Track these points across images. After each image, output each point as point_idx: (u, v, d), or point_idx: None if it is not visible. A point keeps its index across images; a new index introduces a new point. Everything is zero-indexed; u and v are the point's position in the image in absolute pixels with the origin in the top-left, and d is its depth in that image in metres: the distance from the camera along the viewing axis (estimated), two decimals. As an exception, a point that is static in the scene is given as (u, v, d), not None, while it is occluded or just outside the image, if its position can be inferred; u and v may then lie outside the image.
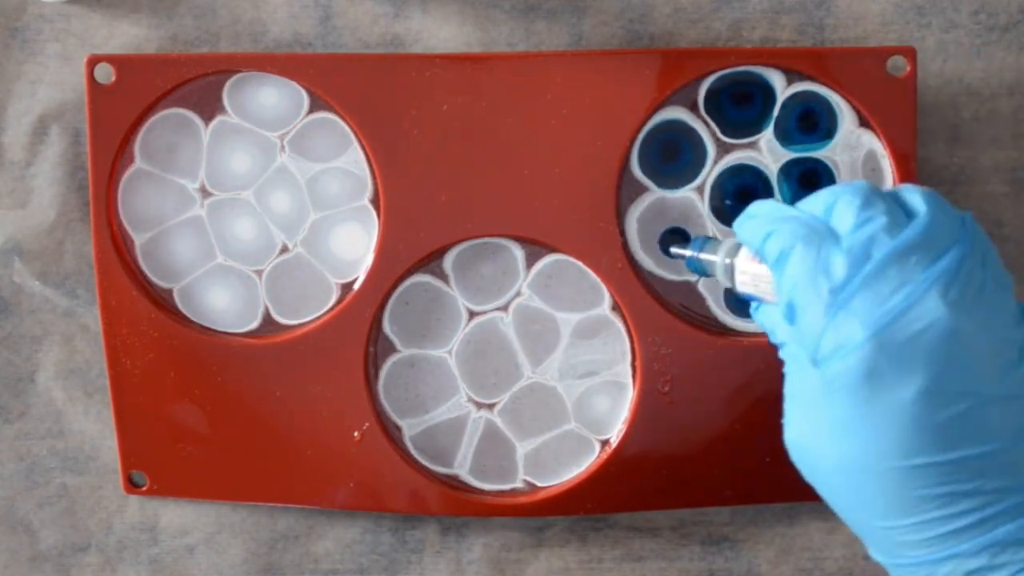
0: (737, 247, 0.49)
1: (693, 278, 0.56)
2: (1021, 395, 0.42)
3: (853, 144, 0.56)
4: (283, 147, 0.56)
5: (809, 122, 0.56)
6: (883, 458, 0.42)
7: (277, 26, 0.57)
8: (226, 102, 0.56)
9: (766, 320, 0.47)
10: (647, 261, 0.56)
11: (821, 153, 0.56)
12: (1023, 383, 0.43)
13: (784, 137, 0.56)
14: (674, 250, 0.53)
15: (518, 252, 0.57)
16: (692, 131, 0.56)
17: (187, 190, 0.56)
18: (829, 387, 0.43)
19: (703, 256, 0.51)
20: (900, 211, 0.44)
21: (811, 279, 0.43)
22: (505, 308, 0.57)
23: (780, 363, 0.49)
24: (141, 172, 0.56)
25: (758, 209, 0.48)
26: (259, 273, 0.57)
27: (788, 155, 0.56)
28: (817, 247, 0.44)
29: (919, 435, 0.42)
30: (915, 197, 0.45)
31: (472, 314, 0.57)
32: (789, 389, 0.45)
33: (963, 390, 0.42)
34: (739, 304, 0.56)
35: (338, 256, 0.57)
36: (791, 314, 0.44)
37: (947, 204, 0.45)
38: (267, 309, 0.57)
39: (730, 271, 0.49)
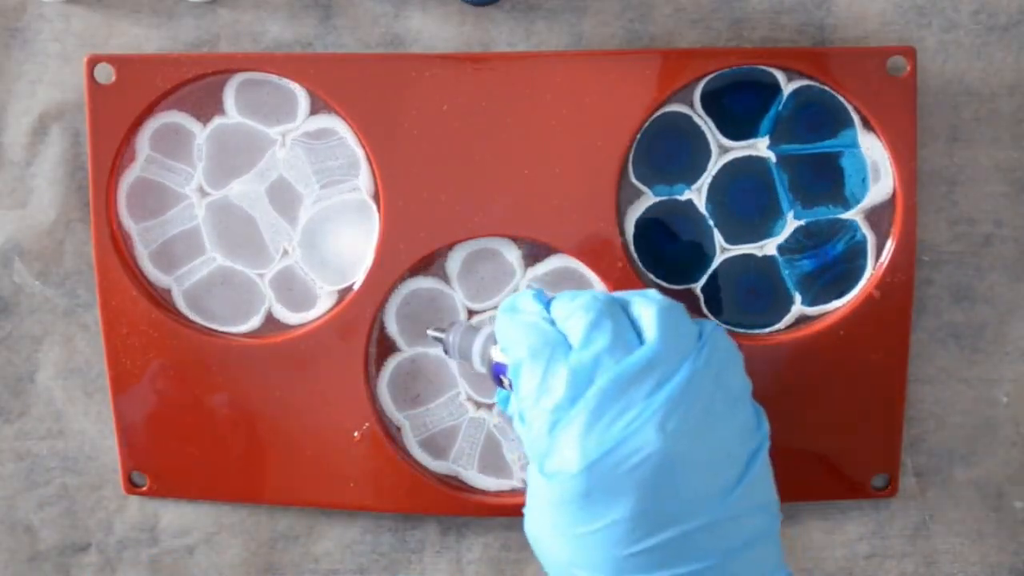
0: (494, 336, 0.49)
1: (697, 285, 0.56)
2: (736, 515, 0.43)
3: (853, 144, 0.56)
4: (283, 147, 0.56)
5: (809, 122, 0.56)
6: (596, 571, 0.43)
7: (277, 26, 0.57)
8: (226, 102, 0.56)
9: (513, 412, 0.47)
10: (646, 261, 0.56)
11: (821, 153, 0.56)
12: (741, 501, 0.43)
13: (784, 137, 0.56)
14: (430, 333, 0.53)
15: (518, 252, 0.57)
16: (692, 131, 0.56)
17: (187, 190, 0.56)
18: (552, 499, 0.43)
19: (460, 343, 0.51)
20: (630, 329, 0.44)
21: (536, 395, 0.44)
22: (505, 308, 0.57)
23: (780, 364, 0.50)
24: (141, 172, 0.56)
25: (512, 303, 0.48)
26: (259, 273, 0.57)
27: (788, 155, 0.56)
28: (546, 361, 0.44)
29: (628, 556, 0.42)
30: (648, 314, 0.44)
31: (472, 314, 0.57)
32: (529, 481, 0.46)
33: (675, 516, 0.42)
34: (738, 306, 0.57)
35: (338, 256, 0.57)
36: (522, 425, 0.45)
37: (683, 317, 0.45)
38: (267, 309, 0.57)
39: (487, 359, 0.49)
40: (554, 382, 0.44)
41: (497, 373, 0.49)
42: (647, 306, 0.45)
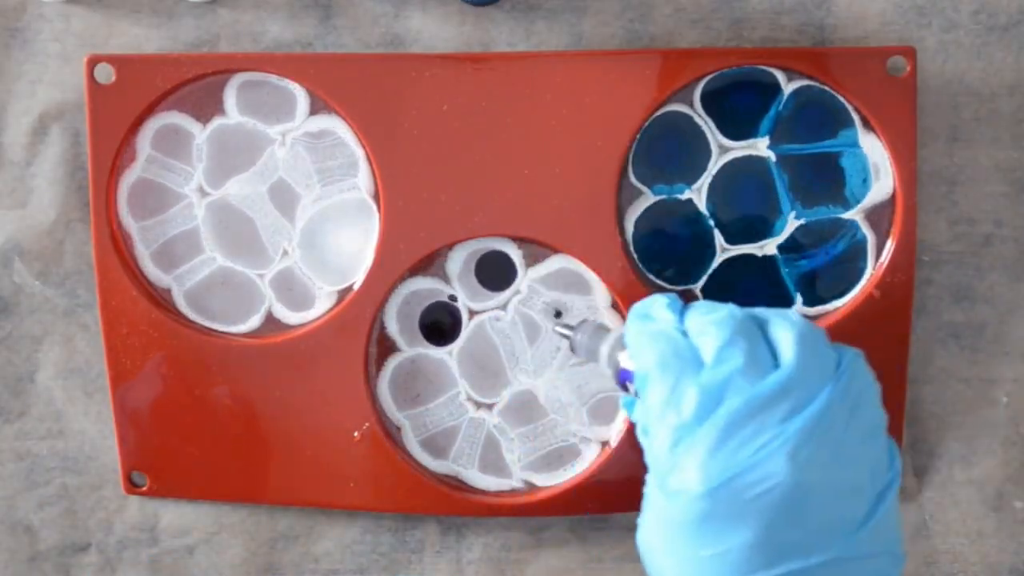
0: (623, 340, 0.48)
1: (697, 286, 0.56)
2: (860, 555, 0.42)
3: (853, 144, 0.56)
4: (283, 147, 0.56)
5: (809, 122, 0.56)
6: None
7: (277, 26, 0.57)
8: (226, 102, 0.56)
9: (637, 421, 0.46)
10: (646, 261, 0.56)
11: (821, 153, 0.56)
12: (866, 541, 0.42)
13: (784, 137, 0.56)
14: (557, 329, 0.53)
15: (518, 252, 0.57)
16: (692, 131, 0.56)
17: (187, 190, 0.56)
18: (670, 517, 0.42)
19: (588, 343, 0.50)
20: (766, 351, 0.43)
21: (662, 410, 0.43)
22: (505, 308, 0.57)
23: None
24: (141, 172, 0.56)
25: (645, 309, 0.47)
26: (259, 273, 0.57)
27: (788, 155, 0.56)
28: (675, 377, 0.43)
29: None
30: (787, 337, 0.43)
31: (472, 314, 0.57)
32: (647, 493, 0.45)
33: (797, 549, 0.41)
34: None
35: (338, 256, 0.57)
36: (644, 437, 0.44)
37: (823, 342, 0.44)
38: (267, 309, 0.57)
39: (614, 363, 0.49)
40: (682, 398, 0.42)
41: (623, 379, 0.48)
42: (786, 328, 0.43)
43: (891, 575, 0.43)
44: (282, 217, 0.57)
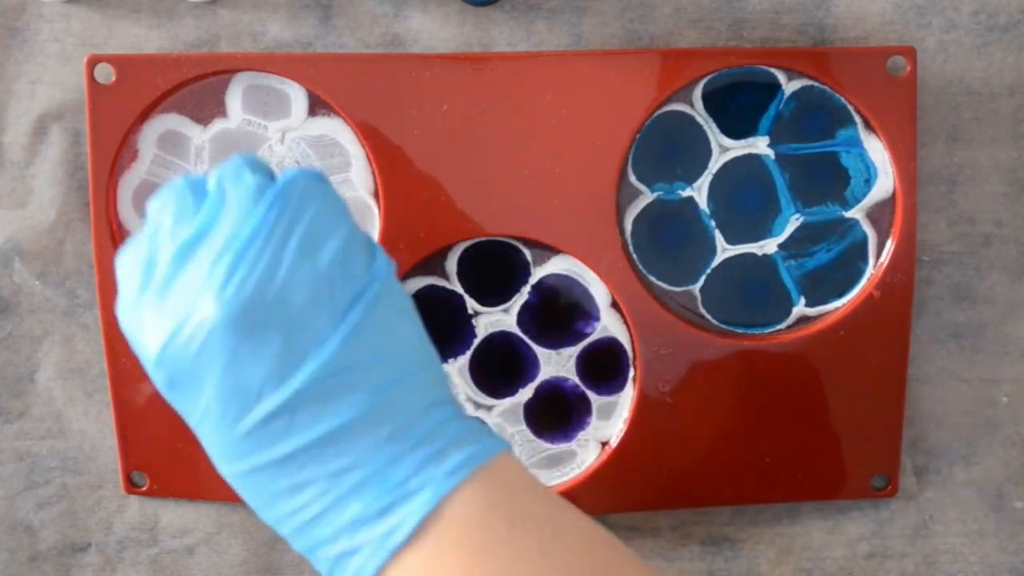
0: None
1: (695, 285, 0.56)
2: (338, 370, 0.39)
3: (853, 143, 0.56)
4: (284, 147, 0.56)
5: (809, 122, 0.56)
6: (223, 462, 0.41)
7: (277, 26, 0.57)
8: (226, 103, 0.56)
9: None
10: (646, 261, 0.56)
11: (821, 152, 0.56)
12: (341, 355, 0.39)
13: (784, 137, 0.56)
14: None
15: (519, 252, 0.57)
16: (692, 130, 0.56)
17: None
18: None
19: None
20: (194, 201, 0.41)
21: (120, 280, 0.42)
22: (506, 308, 0.57)
23: (780, 364, 0.49)
24: (141, 172, 0.56)
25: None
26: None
27: (788, 155, 0.56)
28: (137, 248, 0.41)
29: (239, 439, 0.40)
30: (211, 181, 0.41)
31: (473, 314, 0.57)
32: None
33: (262, 386, 0.39)
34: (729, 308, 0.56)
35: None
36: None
37: (249, 171, 0.41)
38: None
39: None
40: (126, 276, 0.41)
41: None
42: (213, 173, 0.41)
43: (397, 382, 0.40)
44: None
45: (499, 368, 0.57)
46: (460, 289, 0.57)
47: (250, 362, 0.39)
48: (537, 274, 0.56)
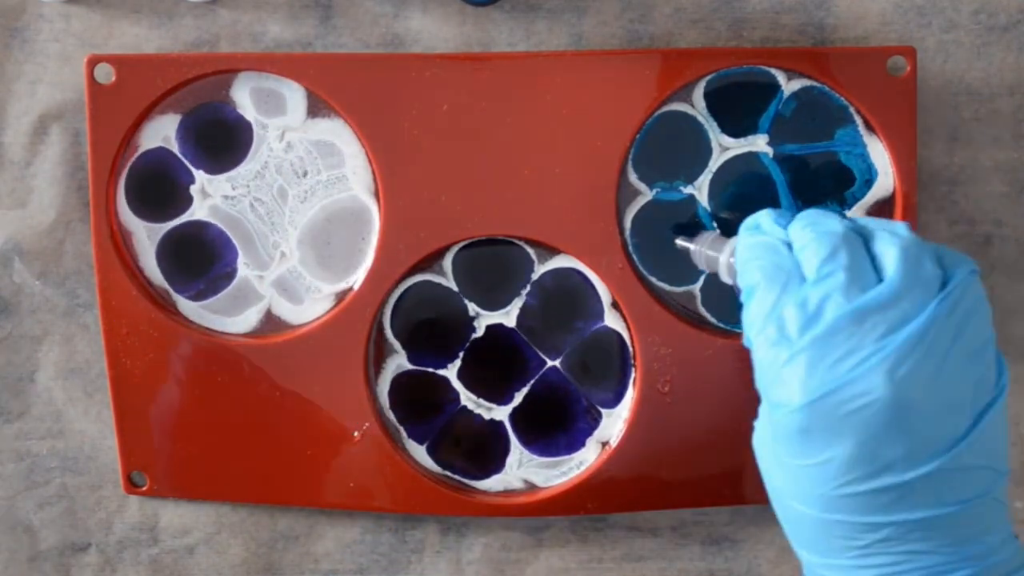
0: None
1: (695, 285, 0.56)
2: (958, 469, 0.42)
3: (853, 143, 0.56)
4: (283, 147, 0.56)
5: (809, 122, 0.56)
6: (807, 505, 0.43)
7: (277, 26, 0.57)
8: (225, 103, 0.56)
9: (744, 330, 0.46)
10: (646, 261, 0.56)
11: (821, 152, 0.56)
12: (965, 456, 0.42)
13: (784, 137, 0.56)
14: (679, 242, 0.54)
15: (518, 252, 0.57)
16: (692, 131, 0.56)
17: (187, 191, 0.56)
18: (774, 427, 0.43)
19: (708, 252, 0.51)
20: (868, 266, 0.43)
21: (763, 324, 0.43)
22: (506, 308, 0.57)
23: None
24: (141, 172, 0.56)
25: (755, 220, 0.47)
26: (258, 274, 0.57)
27: (788, 154, 0.56)
28: (777, 291, 0.43)
29: (841, 496, 0.42)
30: (891, 253, 0.43)
31: (472, 314, 0.57)
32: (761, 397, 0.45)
33: (893, 464, 0.41)
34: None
35: (337, 256, 0.57)
36: (750, 347, 0.44)
37: (928, 257, 0.43)
38: (267, 309, 0.57)
39: (732, 272, 0.49)
40: (783, 313, 0.42)
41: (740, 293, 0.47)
42: (890, 243, 0.43)
43: (991, 490, 0.43)
44: (281, 218, 0.57)
45: (499, 368, 0.57)
46: (460, 289, 0.57)
47: (892, 439, 0.41)
48: (537, 274, 0.56)
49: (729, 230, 0.56)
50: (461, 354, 0.57)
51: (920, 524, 0.42)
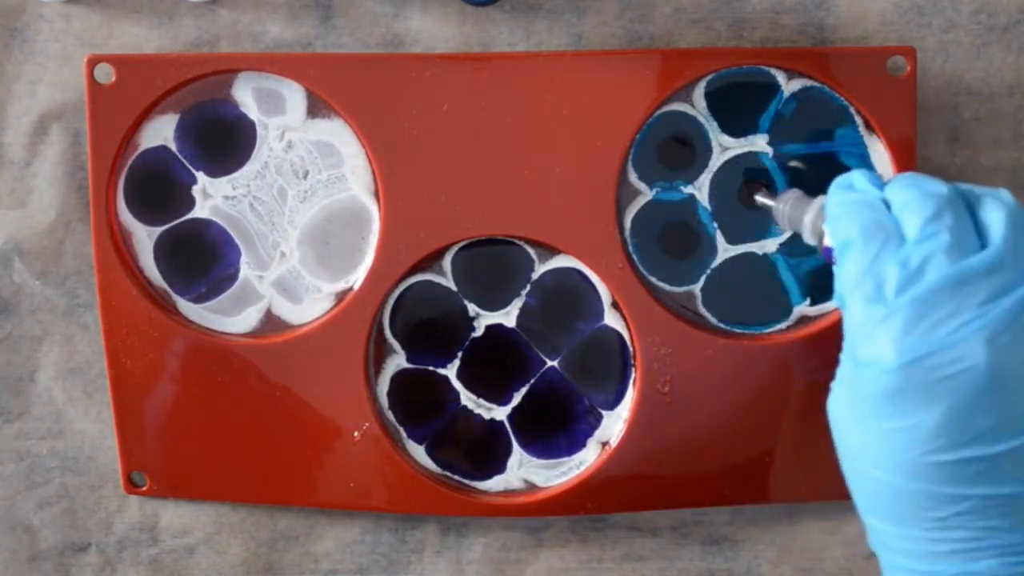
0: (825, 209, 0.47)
1: (695, 286, 0.56)
2: None
3: (853, 143, 0.56)
4: (283, 147, 0.56)
5: (809, 122, 0.56)
6: (887, 471, 0.42)
7: (277, 26, 0.57)
8: (225, 103, 0.56)
9: (836, 287, 0.45)
10: (646, 261, 0.56)
11: (821, 152, 0.56)
12: None
13: (784, 137, 0.56)
14: (759, 199, 0.53)
15: (518, 252, 0.57)
16: (692, 131, 0.56)
17: (187, 191, 0.56)
18: (859, 387, 0.42)
19: (791, 213, 0.50)
20: (972, 230, 0.42)
21: (859, 281, 0.42)
22: (506, 308, 0.57)
23: (780, 364, 0.49)
24: (141, 172, 0.56)
25: (847, 180, 0.46)
26: (259, 274, 0.57)
27: (788, 154, 0.56)
28: (877, 247, 0.42)
29: (927, 464, 0.41)
30: (997, 218, 0.42)
31: (472, 314, 0.57)
32: (842, 360, 0.44)
33: (985, 434, 0.40)
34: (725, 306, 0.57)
35: (337, 256, 0.57)
36: (841, 306, 0.44)
37: None
38: (267, 309, 0.57)
39: (817, 233, 0.48)
40: (882, 270, 0.42)
41: (828, 252, 0.47)
42: (996, 208, 0.42)
43: None
44: (281, 218, 0.57)
45: (498, 368, 0.57)
46: (460, 289, 0.57)
47: (985, 409, 0.40)
48: (537, 273, 0.56)
49: (729, 231, 0.56)
50: (461, 354, 0.57)
51: (1003, 499, 0.41)
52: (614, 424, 0.57)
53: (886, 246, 0.42)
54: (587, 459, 0.57)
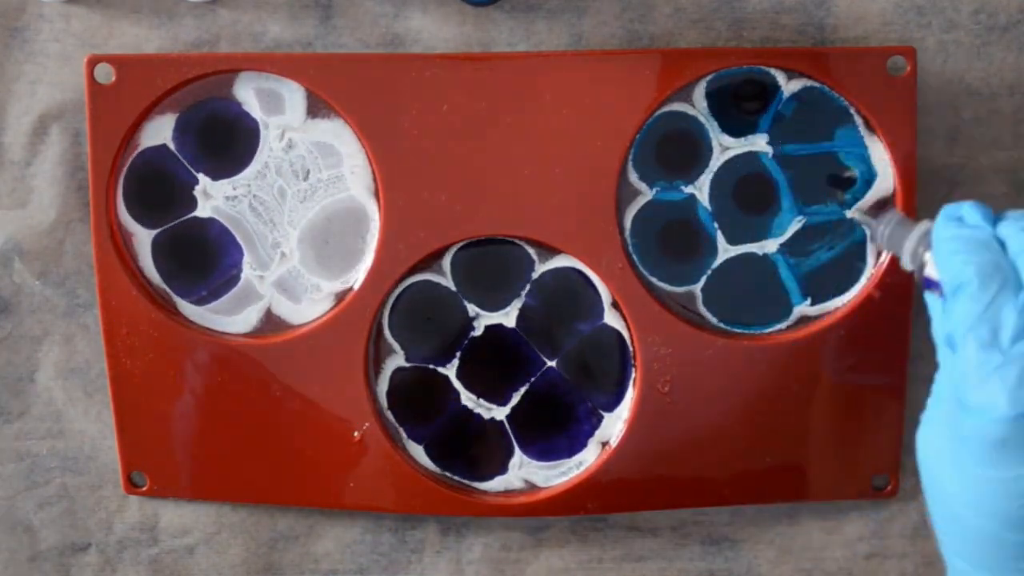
0: (929, 238, 0.46)
1: (695, 286, 0.56)
2: None
3: (853, 143, 0.56)
4: (283, 147, 0.56)
5: (809, 122, 0.56)
6: (986, 518, 0.42)
7: (277, 26, 0.57)
8: (225, 103, 0.56)
9: (934, 316, 0.45)
10: (646, 261, 0.56)
11: (821, 152, 0.56)
12: None
13: (784, 137, 0.56)
14: (857, 215, 0.53)
15: (518, 252, 0.57)
16: (692, 131, 0.56)
17: (187, 191, 0.56)
18: (963, 432, 0.42)
19: (891, 235, 0.50)
20: None
21: (974, 325, 0.41)
22: (506, 308, 0.57)
23: (780, 364, 0.49)
24: (141, 172, 0.56)
25: (956, 211, 0.46)
26: (259, 274, 0.57)
27: (788, 155, 0.56)
28: (994, 292, 0.41)
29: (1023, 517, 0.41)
30: None
31: (472, 314, 0.57)
32: (936, 391, 0.44)
33: None
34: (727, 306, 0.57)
35: (337, 256, 0.57)
36: (951, 346, 0.43)
37: None
38: (267, 309, 0.57)
39: (918, 261, 0.47)
40: (998, 316, 0.41)
41: (927, 283, 0.46)
42: None
43: None
44: (281, 218, 0.57)
45: (498, 368, 0.57)
46: (460, 289, 0.57)
47: None
48: (537, 273, 0.56)
49: (729, 231, 0.56)
50: (460, 354, 0.57)
51: None
52: (614, 424, 0.57)
53: (1003, 290, 0.41)
54: (587, 459, 0.57)
